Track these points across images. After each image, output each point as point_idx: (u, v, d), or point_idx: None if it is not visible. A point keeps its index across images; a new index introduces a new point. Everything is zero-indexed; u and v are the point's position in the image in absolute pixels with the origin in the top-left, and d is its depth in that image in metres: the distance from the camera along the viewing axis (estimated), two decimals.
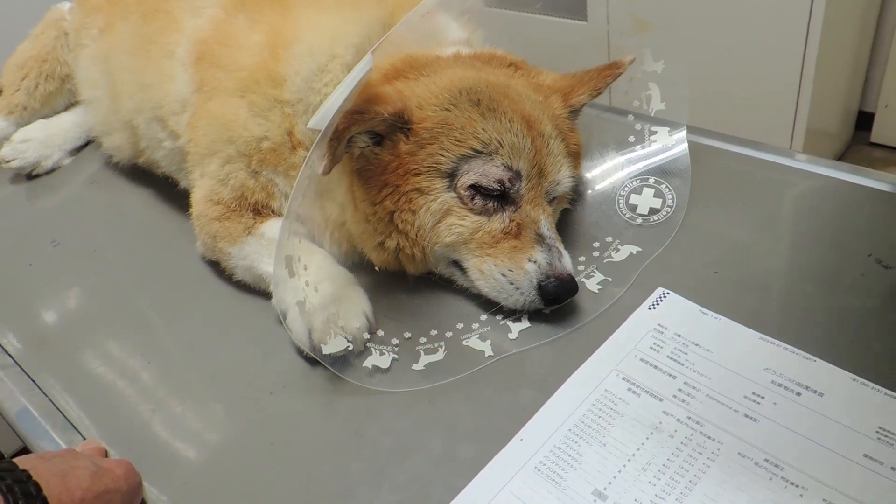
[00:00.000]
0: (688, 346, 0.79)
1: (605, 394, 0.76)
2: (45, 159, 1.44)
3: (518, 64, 1.00)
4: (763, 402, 0.71)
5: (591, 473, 0.68)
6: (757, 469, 0.66)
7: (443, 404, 0.79)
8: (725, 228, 0.94)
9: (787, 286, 0.85)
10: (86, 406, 0.89)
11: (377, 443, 0.76)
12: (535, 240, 0.86)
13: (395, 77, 0.91)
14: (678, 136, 1.03)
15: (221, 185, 1.02)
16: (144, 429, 0.84)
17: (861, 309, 0.79)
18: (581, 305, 0.87)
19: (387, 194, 0.87)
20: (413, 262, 0.91)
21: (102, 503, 0.67)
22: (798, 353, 0.75)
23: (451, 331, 0.87)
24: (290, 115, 0.96)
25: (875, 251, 0.85)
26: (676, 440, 0.70)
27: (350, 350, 0.84)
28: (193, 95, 1.07)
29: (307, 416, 0.82)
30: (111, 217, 1.30)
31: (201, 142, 1.03)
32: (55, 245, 1.22)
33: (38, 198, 1.41)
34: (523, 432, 0.73)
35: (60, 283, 1.13)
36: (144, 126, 1.19)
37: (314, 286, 0.86)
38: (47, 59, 1.47)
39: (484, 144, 0.85)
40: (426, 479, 0.71)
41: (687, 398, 0.73)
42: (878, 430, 0.67)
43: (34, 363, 0.97)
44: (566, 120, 0.96)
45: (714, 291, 0.85)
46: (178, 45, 1.11)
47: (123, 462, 0.74)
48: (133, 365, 0.93)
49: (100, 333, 1.00)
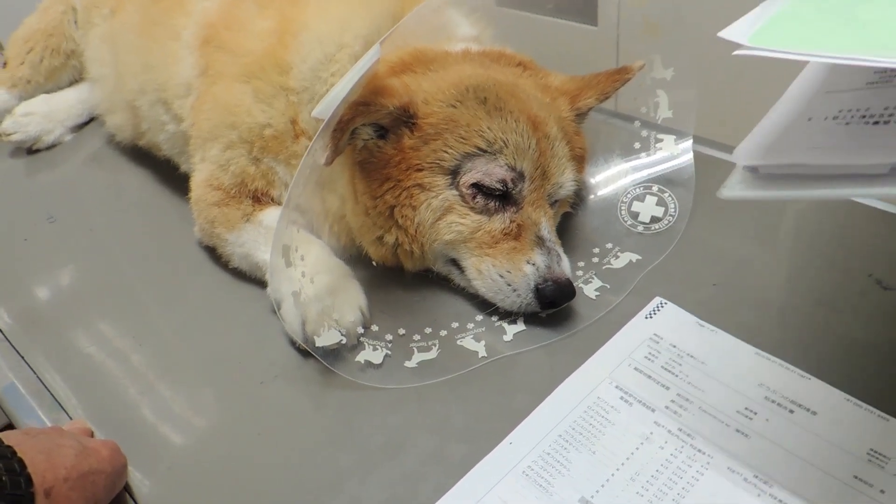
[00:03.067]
0: (683, 357, 0.78)
1: (597, 401, 0.75)
2: (46, 134, 1.43)
3: (526, 64, 0.99)
4: (755, 418, 0.71)
5: (579, 481, 0.68)
6: (746, 485, 0.65)
7: (434, 403, 0.78)
8: (726, 241, 0.94)
9: (786, 303, 0.84)
10: (74, 385, 0.89)
11: (367, 438, 0.76)
12: (535, 242, 0.86)
13: (402, 70, 0.91)
14: (684, 146, 1.03)
15: (222, 170, 1.01)
16: (132, 411, 0.84)
17: (858, 329, 0.79)
18: (577, 311, 0.87)
19: (388, 188, 0.86)
20: (411, 258, 0.90)
21: (86, 483, 0.66)
22: (793, 370, 0.75)
23: (446, 329, 0.87)
24: (294, 103, 0.96)
25: (875, 271, 0.84)
26: (666, 451, 0.69)
27: (343, 344, 0.83)
28: (198, 79, 1.07)
29: (297, 408, 0.81)
30: (109, 196, 1.29)
31: (204, 126, 1.02)
32: (52, 221, 1.21)
33: (38, 173, 1.40)
34: (513, 435, 0.73)
35: (55, 260, 1.12)
36: (147, 108, 1.18)
37: (310, 277, 0.85)
38: (53, 34, 1.45)
39: (489, 143, 0.85)
40: (414, 476, 0.71)
41: (679, 410, 0.73)
42: (869, 451, 0.66)
43: (24, 339, 0.97)
44: (572, 123, 0.95)
45: (712, 304, 0.84)
46: (185, 28, 1.10)
47: (109, 443, 0.74)
48: (124, 346, 0.93)
49: (92, 313, 1.00)
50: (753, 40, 0.46)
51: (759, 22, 0.48)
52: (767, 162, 0.50)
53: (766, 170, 0.51)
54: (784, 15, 0.49)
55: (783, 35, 0.47)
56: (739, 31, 0.48)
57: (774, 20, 0.48)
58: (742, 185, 0.52)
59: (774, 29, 0.48)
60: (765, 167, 0.51)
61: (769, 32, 0.47)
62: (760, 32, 0.47)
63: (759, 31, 0.47)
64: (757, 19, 0.49)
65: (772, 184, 0.51)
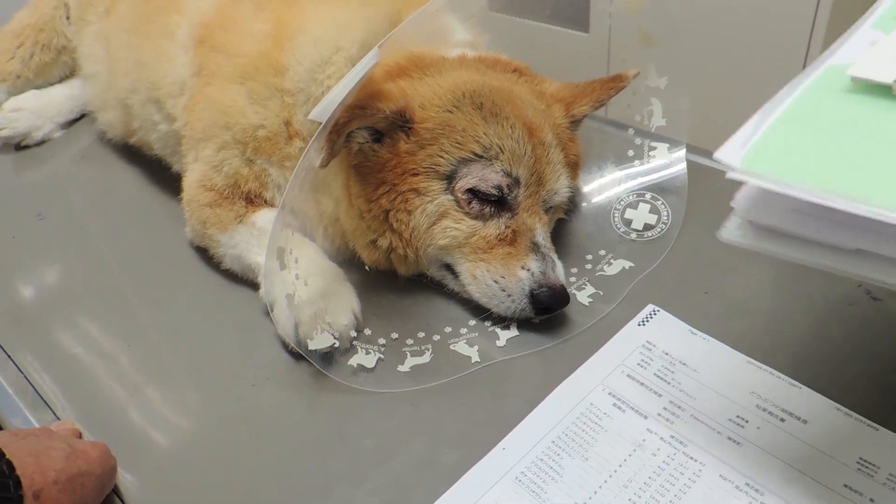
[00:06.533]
0: (675, 364, 0.79)
1: (589, 407, 0.75)
2: (35, 130, 1.42)
3: (522, 70, 0.99)
4: (747, 426, 0.71)
5: (572, 487, 0.68)
6: (737, 493, 0.66)
7: (427, 408, 0.78)
8: (718, 249, 0.94)
9: (776, 311, 0.85)
10: (62, 385, 0.88)
11: (358, 443, 0.75)
12: (530, 248, 0.86)
13: (398, 75, 0.91)
14: (677, 154, 1.03)
15: (215, 171, 1.00)
16: (121, 412, 0.83)
17: (848, 339, 0.80)
18: (571, 317, 0.87)
19: (383, 192, 0.86)
20: (405, 262, 0.90)
21: (75, 486, 0.65)
22: (784, 378, 0.75)
23: (439, 334, 0.87)
24: (289, 104, 0.95)
25: (865, 282, 0.85)
26: (659, 458, 0.70)
27: (336, 347, 0.83)
28: (192, 79, 1.06)
29: (289, 411, 0.81)
30: (100, 194, 1.28)
31: (197, 126, 1.02)
32: (41, 219, 1.20)
33: (26, 169, 1.38)
34: (506, 441, 0.73)
35: (43, 259, 1.11)
36: (139, 107, 1.17)
37: (304, 280, 0.85)
38: (44, 29, 1.44)
39: (484, 149, 0.85)
40: (406, 482, 0.71)
41: (672, 417, 0.73)
42: (858, 460, 0.67)
43: (10, 338, 0.96)
44: (567, 130, 0.96)
45: (703, 312, 0.85)
46: (180, 27, 1.10)
47: (99, 445, 0.73)
48: (113, 347, 0.92)
49: (81, 312, 0.99)
50: (746, 164, 0.48)
51: (754, 137, 0.49)
52: (755, 220, 0.52)
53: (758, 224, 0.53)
54: (776, 132, 0.50)
55: (776, 157, 0.48)
56: (733, 151, 0.49)
57: (767, 136, 0.49)
58: (740, 231, 0.54)
59: (767, 149, 0.48)
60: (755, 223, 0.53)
61: (762, 154, 0.48)
62: (753, 154, 0.48)
63: (752, 151, 0.48)
64: (752, 132, 0.50)
65: (765, 237, 0.52)
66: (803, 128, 0.50)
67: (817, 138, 0.49)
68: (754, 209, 0.51)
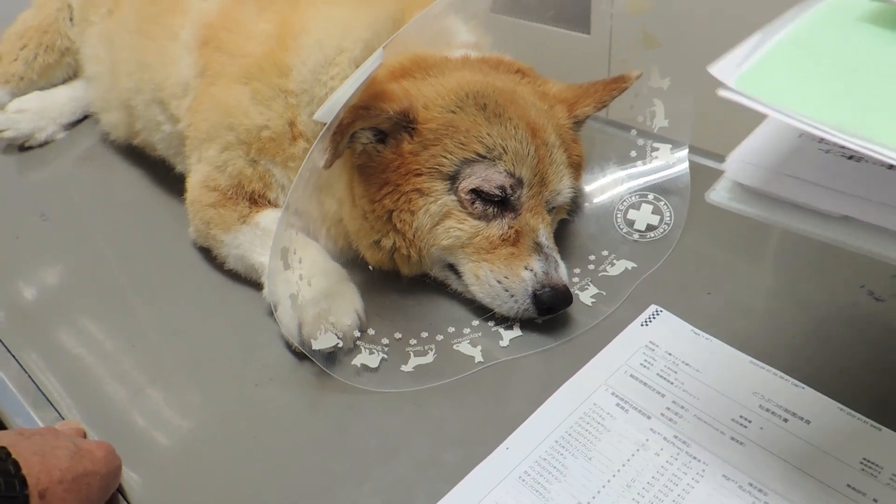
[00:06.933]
0: (678, 364, 0.79)
1: (593, 407, 0.75)
2: (39, 131, 1.42)
3: (525, 71, 0.99)
4: (750, 426, 0.72)
5: (575, 487, 0.68)
6: (741, 492, 0.66)
7: (430, 408, 0.79)
8: (720, 250, 0.95)
9: (779, 312, 0.85)
10: (66, 384, 0.88)
11: (362, 442, 0.76)
12: (533, 248, 0.86)
13: (402, 75, 0.91)
14: (680, 155, 1.03)
15: (219, 171, 1.01)
16: (125, 412, 0.83)
17: (851, 339, 0.80)
18: (574, 317, 0.87)
19: (386, 193, 0.86)
20: (408, 263, 0.91)
21: (81, 485, 0.66)
22: (787, 379, 0.75)
23: (442, 334, 0.87)
24: (293, 105, 0.96)
25: (868, 283, 0.85)
26: (662, 458, 0.70)
27: (339, 347, 0.83)
28: (196, 79, 1.06)
29: (292, 411, 0.81)
30: (103, 195, 1.28)
31: (201, 126, 1.02)
32: (44, 219, 1.20)
33: (30, 170, 1.39)
34: (509, 441, 0.73)
35: (47, 259, 1.11)
36: (143, 108, 1.18)
37: (308, 280, 0.85)
38: (48, 31, 1.44)
39: (488, 149, 0.85)
40: (410, 481, 0.71)
41: (675, 417, 0.73)
42: (862, 460, 0.67)
43: (15, 337, 0.96)
44: (570, 130, 0.96)
45: (706, 312, 0.85)
46: (183, 28, 1.10)
47: (104, 444, 0.73)
48: (116, 346, 0.92)
49: (84, 312, 0.99)
50: (740, 84, 0.45)
51: (752, 57, 0.47)
52: (747, 182, 0.51)
53: (748, 187, 0.52)
54: (776, 54, 0.47)
55: (772, 82, 0.45)
56: (728, 69, 0.46)
57: (767, 58, 0.46)
58: (729, 194, 0.52)
59: (764, 71, 0.46)
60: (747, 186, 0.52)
61: (758, 75, 0.46)
62: (750, 74, 0.45)
63: (749, 71, 0.46)
64: (751, 51, 0.47)
65: (753, 201, 0.51)
66: (807, 54, 0.46)
67: (821, 67, 0.45)
68: (744, 170, 0.50)
